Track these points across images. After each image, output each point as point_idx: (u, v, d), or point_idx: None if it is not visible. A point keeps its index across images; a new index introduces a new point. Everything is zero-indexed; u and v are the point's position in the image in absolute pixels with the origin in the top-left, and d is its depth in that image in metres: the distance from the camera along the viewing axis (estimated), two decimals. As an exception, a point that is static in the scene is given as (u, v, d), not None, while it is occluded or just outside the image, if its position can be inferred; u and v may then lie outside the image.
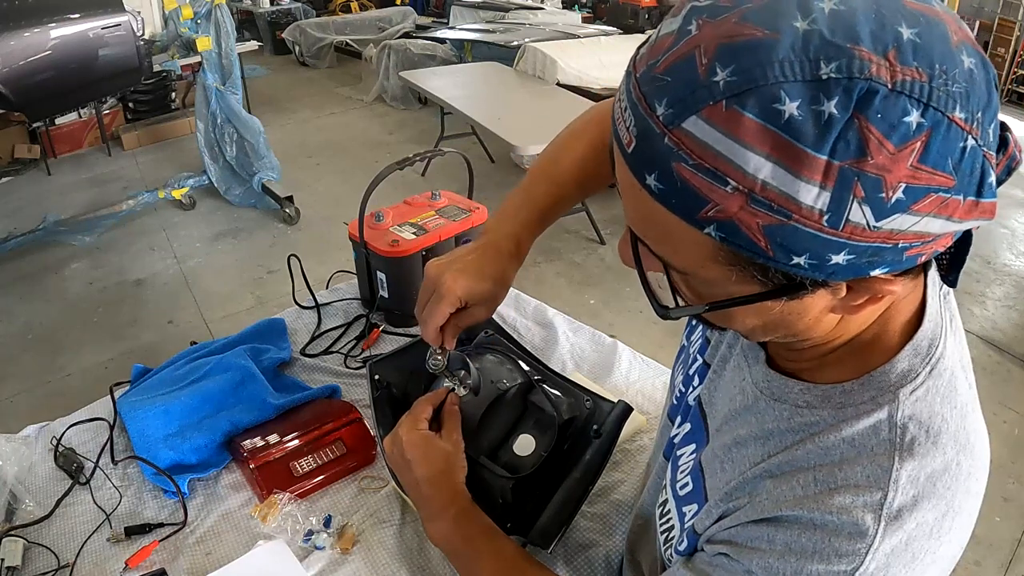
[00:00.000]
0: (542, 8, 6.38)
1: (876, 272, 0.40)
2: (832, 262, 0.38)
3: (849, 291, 0.43)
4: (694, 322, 0.77)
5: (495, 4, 6.21)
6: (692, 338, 0.77)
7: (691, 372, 0.74)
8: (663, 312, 0.50)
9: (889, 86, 0.34)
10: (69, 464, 1.02)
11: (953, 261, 0.46)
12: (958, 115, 0.35)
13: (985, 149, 0.37)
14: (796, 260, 0.38)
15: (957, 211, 0.37)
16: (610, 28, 5.57)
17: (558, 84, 4.20)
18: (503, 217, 0.80)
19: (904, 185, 0.35)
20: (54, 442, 1.06)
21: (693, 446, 0.69)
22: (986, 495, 0.53)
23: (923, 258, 0.40)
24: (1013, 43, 6.33)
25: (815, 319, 0.47)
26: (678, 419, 0.75)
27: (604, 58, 4.48)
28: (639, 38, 4.99)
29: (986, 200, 0.38)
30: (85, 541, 0.92)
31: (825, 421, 0.52)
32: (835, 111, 0.34)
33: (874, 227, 0.37)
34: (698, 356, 0.73)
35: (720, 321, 0.53)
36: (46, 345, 2.78)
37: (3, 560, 0.87)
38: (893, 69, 0.35)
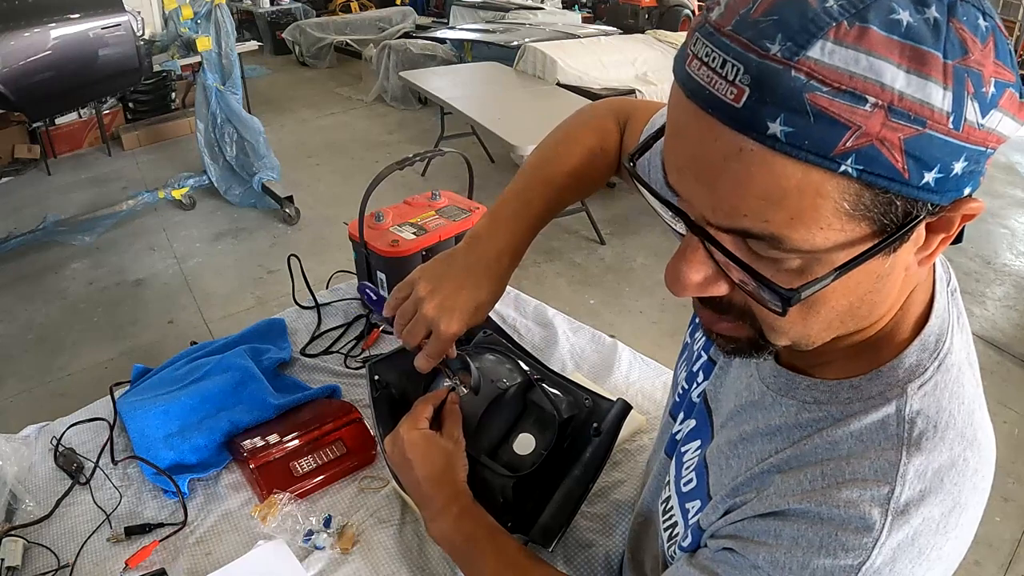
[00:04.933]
0: (542, 8, 6.38)
1: (968, 190, 0.42)
2: (953, 172, 0.40)
3: (928, 233, 0.44)
4: (698, 320, 0.77)
5: (495, 4, 6.22)
6: (696, 335, 0.77)
7: (695, 369, 0.74)
8: (791, 295, 0.43)
9: None
10: (69, 464, 1.02)
11: None
12: (998, 20, 0.40)
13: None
14: (927, 178, 0.39)
15: (1018, 108, 0.41)
16: (610, 28, 5.57)
17: (558, 84, 4.20)
18: (496, 225, 0.78)
19: (994, 80, 0.39)
20: (54, 442, 1.05)
21: (698, 442, 0.69)
22: (987, 494, 0.53)
23: (983, 176, 0.42)
24: (1013, 43, 6.34)
25: (893, 284, 0.48)
26: (681, 415, 0.75)
27: (604, 58, 4.48)
28: (639, 38, 5.00)
29: None
30: (85, 541, 0.91)
31: (832, 416, 0.52)
32: (937, 15, 0.38)
33: (980, 125, 0.39)
34: (703, 353, 0.73)
35: (799, 320, 0.48)
36: (46, 345, 2.78)
37: (3, 560, 0.87)
38: None
